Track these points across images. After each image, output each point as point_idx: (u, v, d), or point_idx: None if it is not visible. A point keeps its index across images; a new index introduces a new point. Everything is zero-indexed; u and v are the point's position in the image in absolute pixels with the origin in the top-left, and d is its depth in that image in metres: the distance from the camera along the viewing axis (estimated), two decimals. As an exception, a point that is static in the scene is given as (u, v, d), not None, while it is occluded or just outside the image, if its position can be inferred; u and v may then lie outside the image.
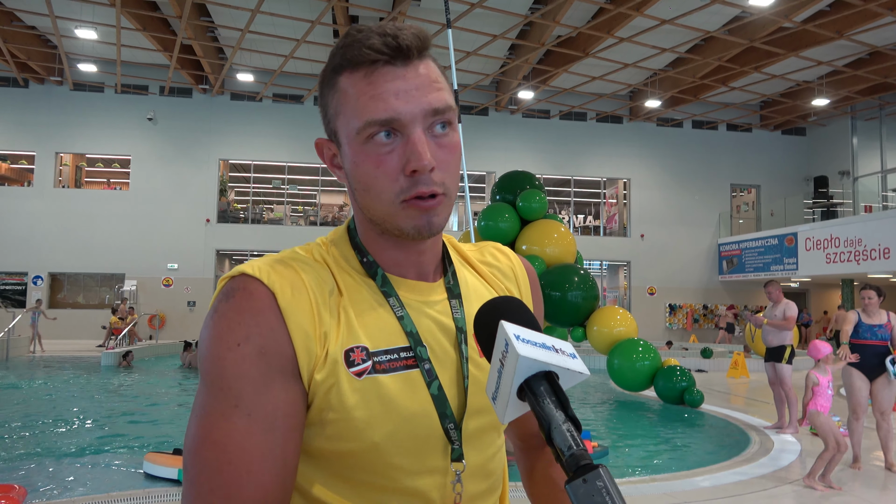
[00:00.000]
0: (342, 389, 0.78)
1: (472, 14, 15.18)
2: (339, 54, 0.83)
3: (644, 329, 20.21)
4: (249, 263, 0.81)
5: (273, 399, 0.75)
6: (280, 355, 0.76)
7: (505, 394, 0.68)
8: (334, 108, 0.84)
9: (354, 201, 0.88)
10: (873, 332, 5.78)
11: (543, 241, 9.81)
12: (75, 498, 4.70)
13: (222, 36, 17.98)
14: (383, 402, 0.79)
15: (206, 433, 0.73)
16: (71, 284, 20.90)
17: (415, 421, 0.81)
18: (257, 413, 0.74)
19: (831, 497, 5.04)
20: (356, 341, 0.80)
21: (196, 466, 0.73)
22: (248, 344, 0.75)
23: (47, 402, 9.63)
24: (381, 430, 0.79)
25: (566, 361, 0.68)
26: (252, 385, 0.74)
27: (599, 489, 0.57)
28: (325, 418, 0.78)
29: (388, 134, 0.79)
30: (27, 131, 20.58)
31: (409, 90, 0.79)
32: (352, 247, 0.89)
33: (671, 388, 9.19)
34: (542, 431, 0.64)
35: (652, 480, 5.38)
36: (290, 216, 23.20)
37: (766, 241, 21.12)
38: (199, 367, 0.78)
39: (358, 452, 0.79)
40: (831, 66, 18.08)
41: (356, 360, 0.79)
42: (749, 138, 24.63)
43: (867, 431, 6.92)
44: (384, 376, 0.80)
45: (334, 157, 0.88)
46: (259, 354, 0.75)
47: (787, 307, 7.72)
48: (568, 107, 22.60)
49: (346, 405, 0.78)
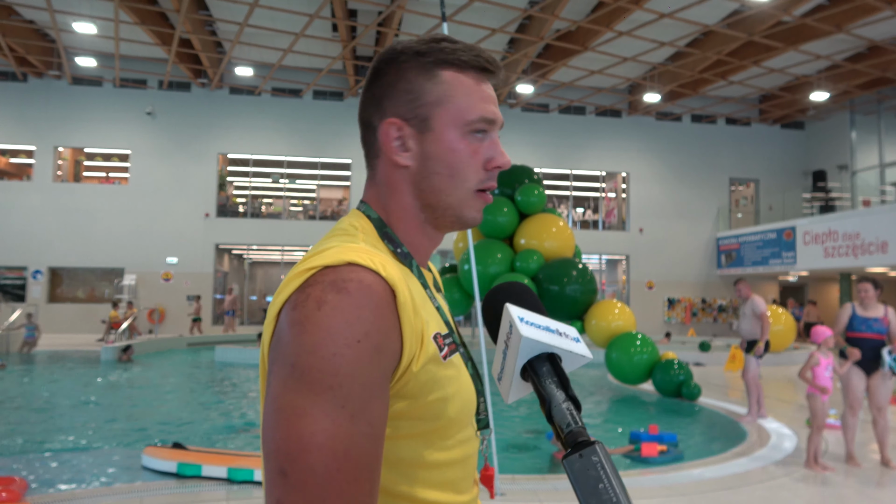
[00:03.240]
0: (436, 373, 0.82)
1: (472, 8, 15.15)
2: (447, 52, 0.92)
3: (642, 323, 20.25)
4: (348, 251, 0.78)
5: (377, 403, 0.74)
6: (392, 355, 0.76)
7: (509, 374, 0.71)
8: (436, 96, 0.90)
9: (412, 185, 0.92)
10: (868, 325, 5.69)
11: (542, 235, 9.83)
12: (75, 491, 4.73)
13: (221, 30, 17.93)
14: (458, 380, 0.87)
15: (309, 435, 0.69)
16: (70, 279, 20.90)
17: (470, 396, 0.90)
18: (362, 417, 0.72)
19: (828, 490, 5.07)
20: (433, 328, 0.85)
21: (299, 472, 0.68)
22: (368, 341, 0.73)
23: (48, 396, 9.66)
24: (456, 404, 0.85)
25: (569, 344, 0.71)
26: (362, 387, 0.72)
27: (594, 464, 0.59)
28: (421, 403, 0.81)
29: (479, 132, 0.92)
30: (26, 126, 20.53)
31: (496, 104, 0.95)
32: (380, 237, 0.91)
33: (669, 381, 9.22)
34: (542, 410, 0.67)
35: (650, 473, 5.42)
36: (289, 210, 23.19)
37: (764, 235, 21.14)
38: (292, 362, 0.72)
39: (438, 429, 0.84)
40: (830, 61, 18.05)
41: (441, 345, 0.85)
42: (748, 132, 24.62)
43: (864, 425, 6.95)
44: (454, 357, 0.88)
45: (401, 138, 0.91)
46: (376, 353, 0.74)
47: (754, 305, 7.88)
48: (567, 101, 22.57)
49: (438, 385, 0.82)
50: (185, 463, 5.00)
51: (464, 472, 0.91)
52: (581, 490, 0.58)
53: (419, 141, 0.90)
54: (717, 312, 23.47)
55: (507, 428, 7.62)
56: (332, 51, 18.64)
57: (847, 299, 19.43)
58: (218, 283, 21.80)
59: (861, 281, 5.88)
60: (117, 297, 19.50)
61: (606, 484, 0.57)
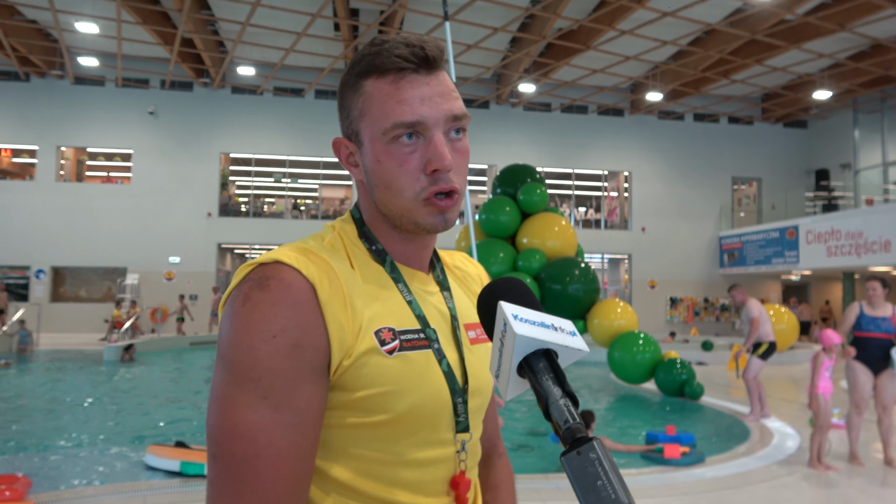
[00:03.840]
0: (376, 367, 0.83)
1: (473, 7, 15.14)
2: (367, 60, 0.89)
3: (645, 322, 20.24)
4: (281, 251, 0.83)
5: (303, 395, 0.77)
6: (315, 349, 0.79)
7: (506, 371, 0.71)
8: (359, 109, 0.90)
9: (368, 197, 0.94)
10: (877, 324, 5.64)
11: (544, 235, 9.83)
12: (78, 489, 4.73)
13: (223, 29, 17.95)
14: (410, 376, 0.85)
15: (232, 425, 0.74)
16: (73, 278, 20.93)
17: (433, 395, 0.87)
18: (286, 407, 0.76)
19: (831, 490, 5.06)
20: (384, 322, 0.86)
21: (224, 458, 0.74)
22: (285, 337, 0.77)
23: (51, 395, 9.68)
24: (406, 401, 0.84)
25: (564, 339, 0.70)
26: (283, 379, 0.76)
27: (593, 461, 0.58)
28: (357, 396, 0.82)
29: (410, 136, 0.86)
30: (28, 125, 20.57)
31: (433, 97, 0.87)
32: (359, 235, 0.95)
33: (671, 380, 9.21)
34: (540, 406, 0.66)
35: (652, 472, 5.41)
36: (291, 210, 23.20)
37: (766, 234, 21.09)
38: (223, 354, 0.78)
39: (383, 424, 0.84)
40: (833, 59, 18.00)
41: (386, 339, 0.85)
42: (750, 131, 24.58)
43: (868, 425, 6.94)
44: (410, 353, 0.86)
45: (350, 155, 0.94)
46: (294, 348, 0.77)
47: (747, 310, 7.98)
48: (569, 100, 22.55)
49: (379, 381, 0.82)
50: (187, 462, 5.01)
51: (433, 475, 0.89)
52: (580, 487, 0.57)
53: (361, 156, 0.92)
54: (719, 311, 23.44)
55: (509, 427, 7.62)
56: (334, 50, 18.64)
57: (850, 299, 19.39)
58: (220, 282, 21.82)
59: (869, 279, 5.82)
60: (120, 296, 19.51)
61: (605, 481, 0.57)
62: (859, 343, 5.70)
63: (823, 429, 5.50)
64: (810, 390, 5.52)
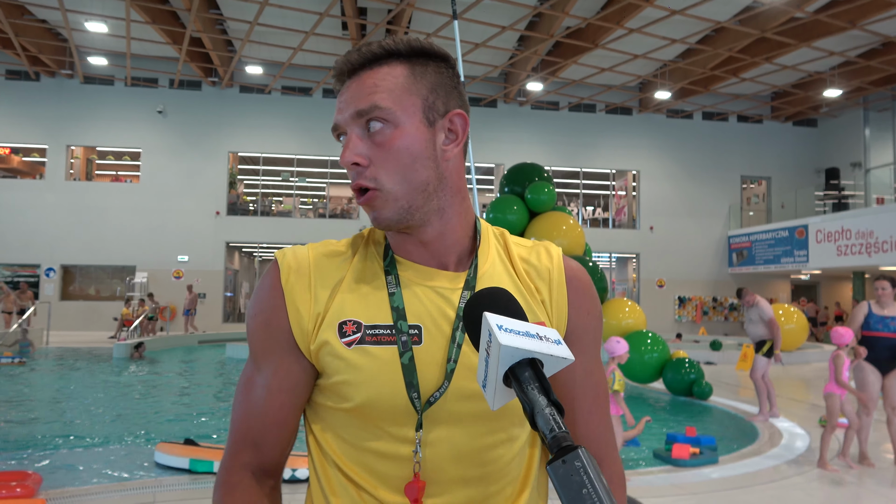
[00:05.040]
0: (335, 356, 0.90)
1: (481, 5, 15.13)
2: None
3: (653, 321, 20.17)
4: (290, 247, 0.97)
5: (273, 363, 0.93)
6: (280, 328, 0.93)
7: (492, 381, 0.71)
8: None
9: None
10: (885, 323, 5.61)
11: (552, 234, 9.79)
12: (89, 486, 4.76)
13: (231, 28, 18.00)
14: (366, 369, 0.89)
15: (240, 389, 0.96)
16: (82, 276, 21.08)
17: (390, 388, 0.88)
18: (261, 370, 0.94)
19: (841, 490, 5.03)
20: (350, 316, 0.91)
21: (233, 412, 0.97)
22: (260, 316, 0.94)
23: (61, 393, 9.74)
24: (363, 393, 0.89)
25: (549, 348, 0.71)
26: (261, 350, 0.94)
27: (577, 469, 0.59)
28: (326, 382, 0.92)
29: (342, 136, 0.94)
30: (39, 124, 20.71)
31: (347, 100, 0.92)
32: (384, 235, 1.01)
33: (679, 380, 9.18)
34: (526, 415, 0.67)
35: (660, 472, 5.40)
36: (299, 208, 23.26)
37: (776, 234, 20.98)
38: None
39: (347, 412, 0.91)
40: (844, 57, 17.89)
41: (347, 332, 0.90)
42: (760, 130, 24.44)
43: (877, 425, 6.89)
44: (372, 347, 0.89)
45: None
46: (265, 327, 0.94)
47: (761, 311, 7.92)
48: (577, 98, 22.50)
49: (337, 370, 0.90)
50: (197, 459, 5.03)
51: (391, 469, 0.89)
52: (565, 495, 0.58)
53: None
54: (728, 311, 23.34)
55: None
56: (342, 49, 18.66)
57: (860, 298, 19.26)
58: (228, 280, 21.90)
59: (878, 279, 5.78)
60: (129, 294, 19.61)
61: (590, 489, 0.57)
62: (868, 342, 5.65)
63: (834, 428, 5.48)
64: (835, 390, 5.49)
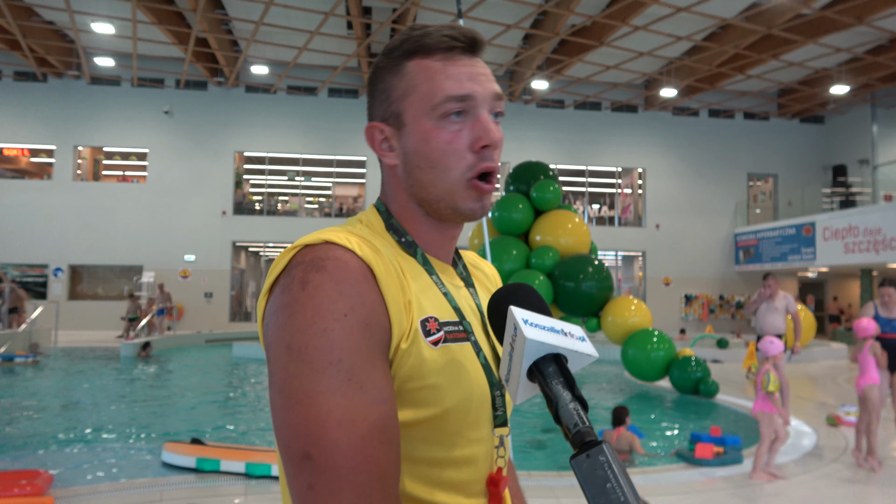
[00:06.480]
0: (423, 357, 0.80)
1: (486, 4, 15.11)
2: (412, 41, 0.89)
3: (659, 320, 20.14)
4: (326, 232, 0.81)
5: (379, 371, 0.75)
6: (381, 329, 0.77)
7: (516, 375, 0.72)
8: (402, 90, 0.89)
9: (399, 185, 0.92)
10: (892, 325, 5.70)
11: (557, 232, 9.79)
12: (97, 485, 4.80)
13: (237, 28, 18.05)
14: (455, 369, 0.83)
15: (325, 414, 0.69)
16: (90, 276, 21.18)
17: (479, 388, 0.86)
18: (370, 385, 0.73)
19: (848, 488, 5.02)
20: (428, 312, 0.84)
21: (325, 452, 0.69)
22: (354, 315, 0.74)
23: (70, 392, 9.80)
24: (453, 395, 0.82)
25: (574, 344, 0.71)
26: (362, 358, 0.73)
27: (602, 464, 0.59)
28: (406, 387, 0.79)
29: (458, 114, 0.87)
30: (46, 125, 20.81)
31: (480, 75, 0.89)
32: (386, 228, 0.93)
33: (686, 378, 9.17)
34: (550, 410, 0.67)
35: (666, 470, 5.39)
36: (305, 208, 23.31)
37: (783, 231, 20.89)
38: (288, 344, 0.73)
39: (429, 420, 0.81)
40: (851, 53, 17.79)
41: (431, 330, 0.83)
42: (766, 127, 24.34)
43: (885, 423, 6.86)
44: (453, 345, 0.85)
45: (385, 140, 0.92)
46: (365, 326, 0.75)
47: (790, 303, 7.55)
48: (582, 96, 22.45)
49: (425, 372, 0.80)
50: (203, 458, 5.06)
51: (475, 474, 0.87)
52: (589, 490, 0.58)
53: (398, 138, 0.91)
54: (734, 309, 23.26)
55: (523, 424, 7.62)
56: (348, 48, 18.68)
57: (868, 296, 19.16)
58: (235, 280, 21.97)
59: (883, 285, 5.87)
60: (137, 293, 19.69)
61: (614, 483, 0.57)
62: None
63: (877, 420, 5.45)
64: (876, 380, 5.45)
